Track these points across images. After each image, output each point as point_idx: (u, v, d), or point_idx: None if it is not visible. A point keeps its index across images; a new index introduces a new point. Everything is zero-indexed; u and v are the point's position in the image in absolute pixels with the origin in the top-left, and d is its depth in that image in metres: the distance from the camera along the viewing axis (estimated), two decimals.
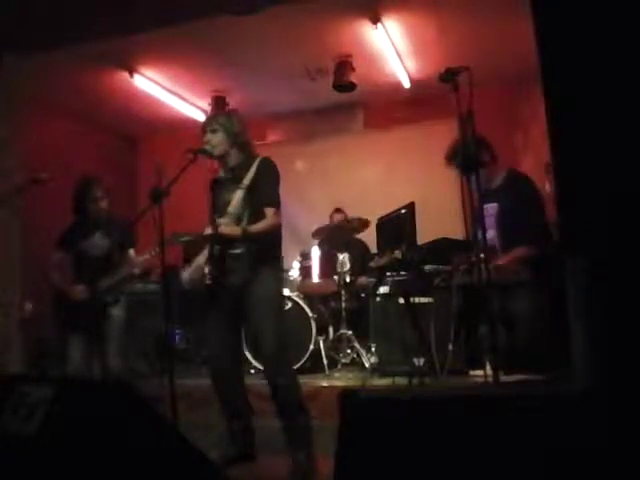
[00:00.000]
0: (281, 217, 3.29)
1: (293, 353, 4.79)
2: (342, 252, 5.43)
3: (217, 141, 3.30)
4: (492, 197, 3.77)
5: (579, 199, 1.47)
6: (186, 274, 3.34)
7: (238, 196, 3.22)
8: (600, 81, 1.44)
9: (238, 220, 3.22)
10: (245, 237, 3.17)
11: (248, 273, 3.20)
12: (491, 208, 3.75)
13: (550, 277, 3.42)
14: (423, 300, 4.42)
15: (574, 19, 1.49)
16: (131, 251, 4.24)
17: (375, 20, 5.31)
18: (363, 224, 5.90)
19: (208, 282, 3.22)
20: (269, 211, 3.22)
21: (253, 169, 3.24)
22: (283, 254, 3.57)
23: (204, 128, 3.35)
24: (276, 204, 3.25)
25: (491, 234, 3.71)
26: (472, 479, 1.35)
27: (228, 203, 3.26)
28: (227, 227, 3.18)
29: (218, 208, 3.34)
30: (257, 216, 3.21)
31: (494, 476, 1.33)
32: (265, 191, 3.23)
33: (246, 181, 3.22)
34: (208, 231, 3.17)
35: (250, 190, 3.22)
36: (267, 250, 3.28)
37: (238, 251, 3.21)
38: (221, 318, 3.29)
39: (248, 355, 5.00)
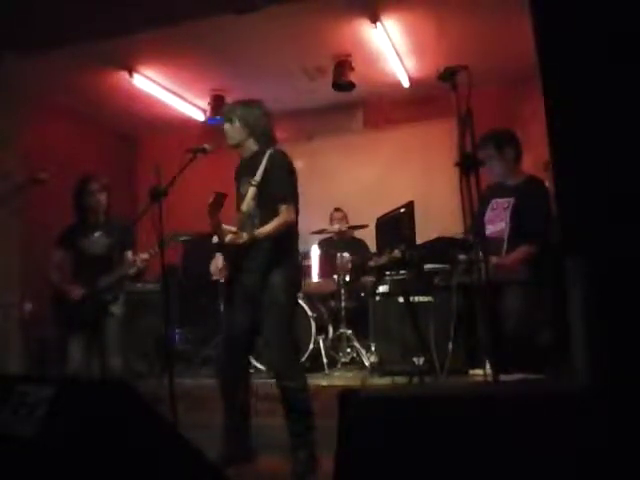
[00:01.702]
0: (295, 212, 3.23)
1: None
2: (342, 251, 5.44)
3: (233, 131, 3.30)
4: (508, 192, 3.84)
5: (579, 198, 1.47)
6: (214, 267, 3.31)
7: (250, 193, 3.20)
8: (600, 80, 1.44)
9: (250, 218, 3.19)
10: (254, 242, 3.13)
11: (260, 276, 3.18)
12: (506, 202, 3.81)
13: (550, 276, 3.43)
14: (423, 299, 4.42)
15: (573, 17, 1.49)
16: (129, 253, 4.24)
17: (374, 19, 5.31)
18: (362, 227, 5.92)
19: (223, 280, 3.21)
20: (282, 208, 3.16)
21: (264, 163, 3.19)
22: None
23: (223, 117, 3.35)
24: (289, 199, 3.19)
25: (500, 226, 3.75)
26: (472, 478, 1.35)
27: (243, 198, 3.25)
28: (232, 236, 3.08)
29: (238, 201, 3.32)
30: (269, 213, 3.15)
31: (494, 475, 1.33)
32: (276, 186, 3.17)
33: (257, 176, 3.17)
34: (215, 240, 3.13)
35: (261, 186, 3.17)
36: (280, 251, 3.21)
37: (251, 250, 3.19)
38: (235, 317, 3.29)
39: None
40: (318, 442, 3.09)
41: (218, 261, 3.32)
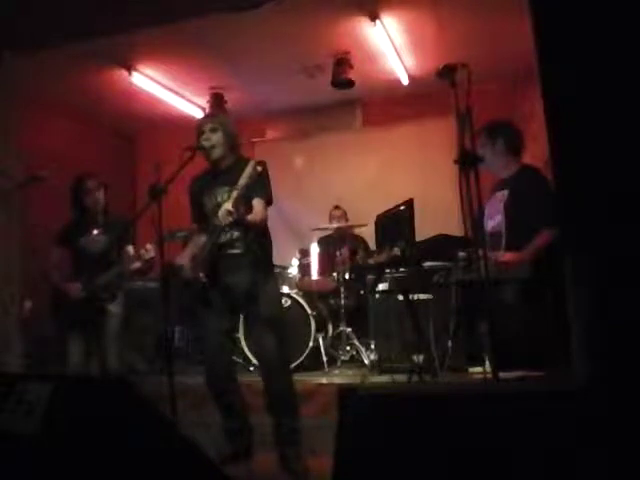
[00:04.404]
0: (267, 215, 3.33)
1: (292, 351, 4.82)
2: (341, 249, 5.44)
3: (217, 140, 3.31)
4: (503, 185, 3.77)
5: (579, 197, 1.47)
6: (185, 264, 3.30)
7: (235, 196, 3.21)
8: (599, 79, 1.44)
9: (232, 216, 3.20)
10: (244, 225, 3.19)
11: (255, 276, 3.21)
12: (501, 195, 3.74)
13: (549, 275, 3.41)
14: (422, 297, 4.42)
15: (572, 16, 1.49)
16: (129, 248, 4.23)
17: (373, 17, 5.30)
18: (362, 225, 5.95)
19: (204, 280, 3.20)
20: (259, 203, 3.24)
21: (248, 171, 3.23)
22: (282, 250, 3.59)
23: (202, 127, 3.34)
24: (267, 200, 3.29)
25: (498, 220, 3.70)
26: (472, 476, 1.35)
27: (219, 205, 3.26)
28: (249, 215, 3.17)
29: (208, 209, 3.33)
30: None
31: (494, 474, 1.33)
32: (259, 189, 3.23)
33: (242, 182, 3.21)
34: (229, 219, 3.05)
35: (246, 191, 3.22)
36: (269, 254, 3.38)
37: (237, 251, 3.23)
38: (217, 317, 3.29)
39: (248, 353, 5.00)
40: (317, 440, 3.11)
41: (185, 255, 3.33)
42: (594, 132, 1.44)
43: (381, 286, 4.90)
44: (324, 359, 5.03)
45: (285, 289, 5.28)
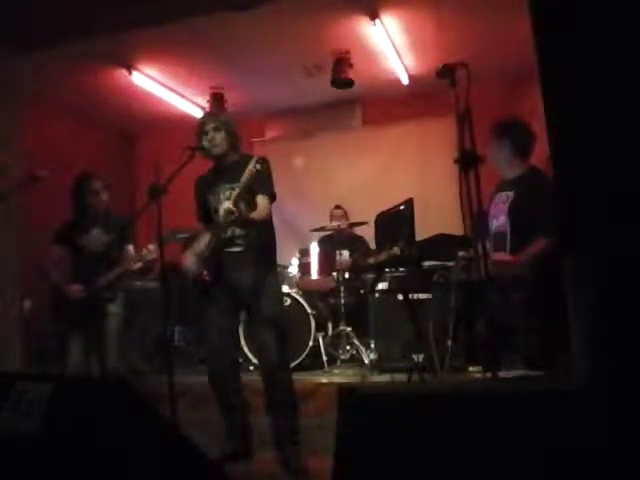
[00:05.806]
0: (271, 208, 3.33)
1: (292, 350, 4.82)
2: (342, 248, 5.44)
3: (219, 140, 3.31)
4: (508, 186, 3.71)
5: (579, 196, 1.47)
6: (190, 264, 3.29)
7: (235, 195, 3.22)
8: (599, 79, 1.44)
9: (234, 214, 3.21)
10: (246, 223, 3.19)
11: (257, 273, 3.22)
12: (505, 196, 3.69)
13: (548, 274, 3.40)
14: (422, 296, 4.42)
15: (572, 15, 1.49)
16: (129, 247, 4.23)
17: (373, 16, 5.30)
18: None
19: (206, 279, 3.21)
20: (263, 199, 3.24)
21: (249, 168, 3.24)
22: (282, 250, 3.59)
23: (205, 126, 3.34)
24: (271, 196, 3.30)
25: (502, 220, 3.67)
26: (472, 476, 1.35)
27: (222, 202, 3.27)
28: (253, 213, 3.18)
29: (213, 207, 3.33)
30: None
31: (494, 473, 1.33)
32: (262, 185, 3.23)
33: (244, 179, 3.21)
34: (231, 218, 3.05)
35: (248, 188, 3.22)
36: (272, 252, 3.39)
37: (238, 249, 3.24)
38: (220, 316, 3.30)
39: (247, 352, 5.00)
40: (317, 439, 3.11)
41: (190, 256, 3.32)
42: (594, 132, 1.44)
43: (381, 285, 4.91)
44: (324, 358, 5.03)
45: (285, 288, 5.28)
